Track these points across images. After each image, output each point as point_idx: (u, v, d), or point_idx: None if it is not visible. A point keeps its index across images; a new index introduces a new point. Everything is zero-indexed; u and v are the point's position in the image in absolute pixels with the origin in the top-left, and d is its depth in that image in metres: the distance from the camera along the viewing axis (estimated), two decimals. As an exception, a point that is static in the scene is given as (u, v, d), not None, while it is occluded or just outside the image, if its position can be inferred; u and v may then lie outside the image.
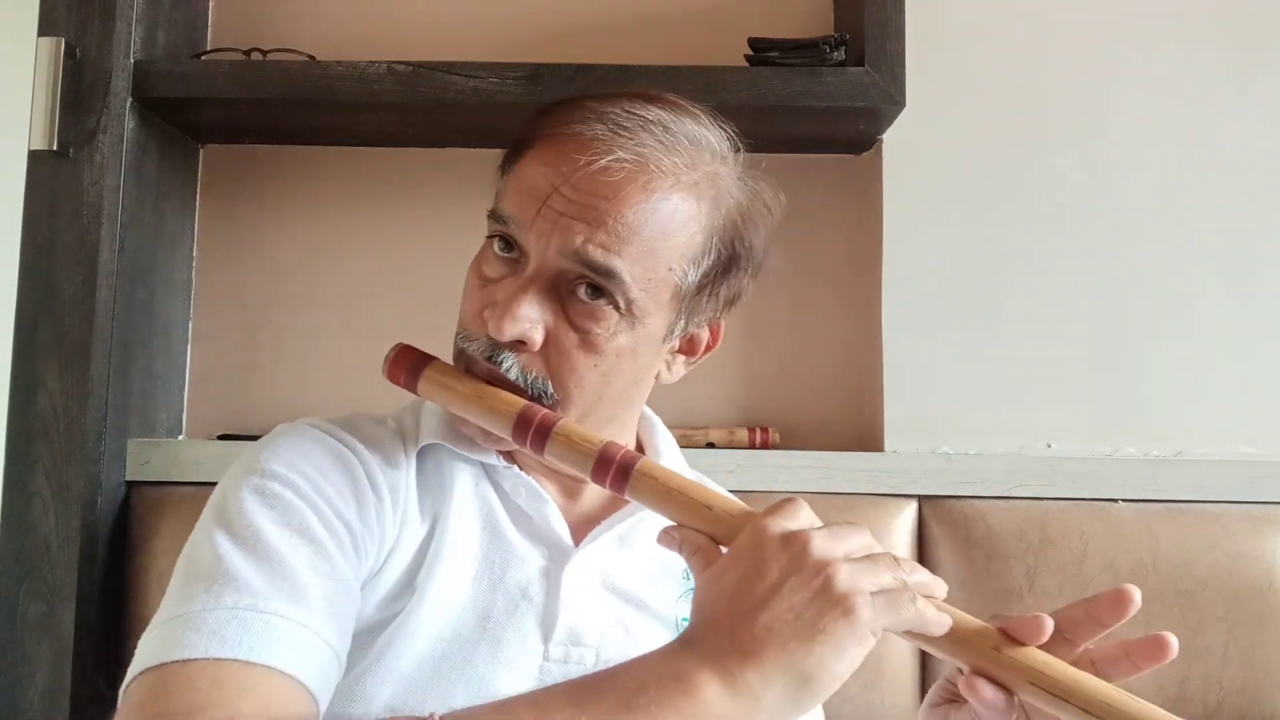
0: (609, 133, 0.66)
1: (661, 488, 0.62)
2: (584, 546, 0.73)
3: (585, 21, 1.26)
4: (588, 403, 0.69)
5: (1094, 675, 0.55)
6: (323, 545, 0.62)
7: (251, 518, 0.62)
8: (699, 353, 0.78)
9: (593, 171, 0.65)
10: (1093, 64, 1.23)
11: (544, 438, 0.64)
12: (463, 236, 1.25)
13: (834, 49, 1.06)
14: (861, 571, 0.54)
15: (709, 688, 0.51)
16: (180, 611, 0.58)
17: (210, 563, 0.60)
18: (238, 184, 1.26)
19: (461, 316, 0.72)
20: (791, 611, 0.52)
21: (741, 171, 0.72)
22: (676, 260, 0.68)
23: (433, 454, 0.74)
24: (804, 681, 0.52)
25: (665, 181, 0.67)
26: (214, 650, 0.55)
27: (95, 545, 1.03)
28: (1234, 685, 1.04)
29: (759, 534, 0.56)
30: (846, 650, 0.52)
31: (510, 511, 0.73)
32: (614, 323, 0.67)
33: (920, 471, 1.10)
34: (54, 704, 0.99)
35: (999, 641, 0.56)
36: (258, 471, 0.65)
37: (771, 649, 0.52)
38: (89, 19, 1.04)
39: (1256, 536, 1.07)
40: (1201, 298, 1.21)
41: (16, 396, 1.02)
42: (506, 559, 0.71)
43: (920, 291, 1.20)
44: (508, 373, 0.67)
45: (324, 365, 1.25)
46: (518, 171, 0.70)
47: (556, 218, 0.65)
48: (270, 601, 0.58)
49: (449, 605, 0.68)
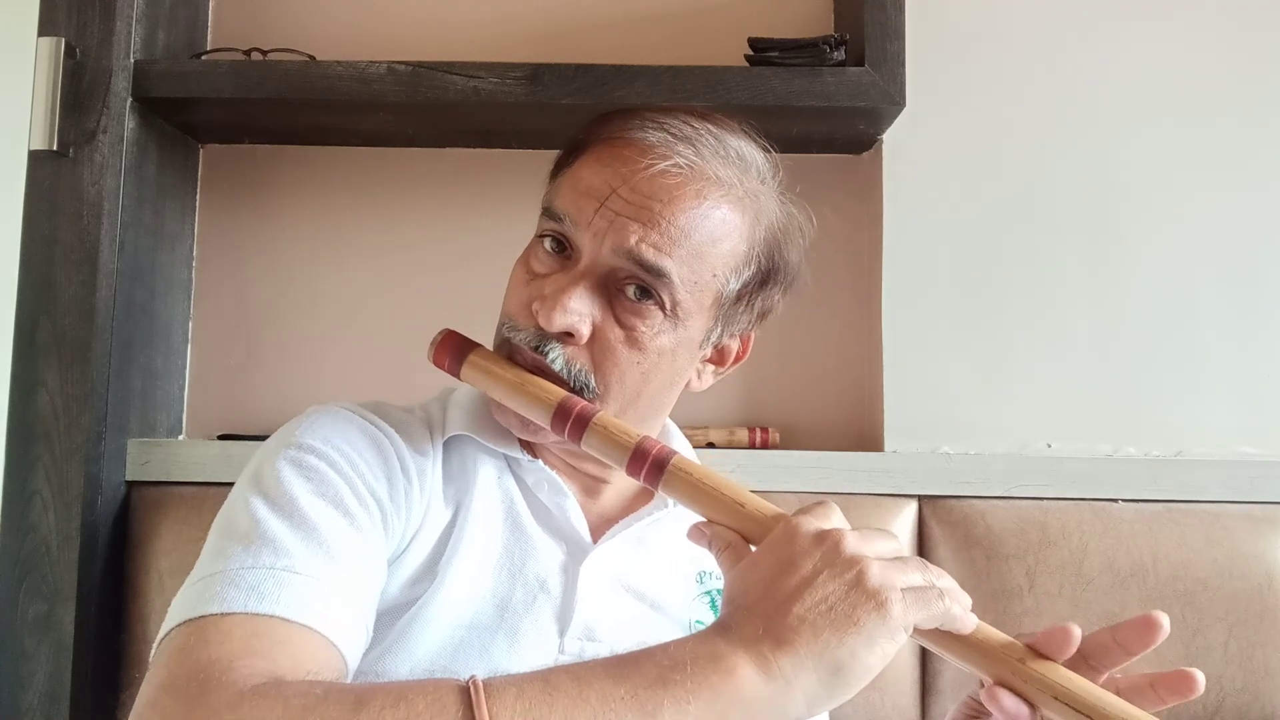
0: (667, 140, 0.69)
1: (695, 484, 0.64)
2: (602, 544, 0.75)
3: (585, 21, 1.26)
4: (626, 399, 0.71)
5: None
6: (355, 517, 0.64)
7: (288, 486, 0.63)
8: (728, 363, 0.80)
9: (650, 175, 0.68)
10: (1093, 64, 1.23)
11: (582, 428, 0.66)
12: (463, 236, 1.26)
13: (834, 49, 1.06)
14: (892, 569, 0.56)
15: (744, 670, 0.52)
16: (218, 569, 0.58)
17: (247, 525, 0.61)
18: (238, 184, 1.26)
19: (506, 308, 0.74)
20: (825, 603, 0.54)
21: (780, 192, 0.76)
22: (721, 267, 0.71)
23: (458, 445, 0.75)
24: (836, 670, 0.53)
25: (716, 191, 0.70)
26: (252, 605, 0.56)
27: (95, 545, 1.03)
28: (1234, 685, 1.04)
29: (793, 530, 0.58)
30: (878, 643, 0.53)
31: (531, 505, 0.75)
32: (658, 322, 0.70)
33: (920, 471, 1.10)
34: (54, 704, 0.99)
35: (1024, 654, 0.56)
36: (294, 445, 0.66)
37: (805, 637, 0.53)
38: (89, 19, 1.04)
39: (1256, 536, 1.07)
40: (1201, 298, 1.21)
41: (16, 396, 1.02)
42: (526, 551, 0.73)
43: (920, 291, 1.20)
44: (553, 363, 0.69)
45: (324, 365, 1.25)
46: (574, 172, 0.72)
47: (613, 217, 0.68)
48: (307, 564, 0.59)
49: (469, 593, 0.69)
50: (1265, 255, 1.22)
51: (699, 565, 0.81)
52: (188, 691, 0.51)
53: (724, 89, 1.05)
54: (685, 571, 0.80)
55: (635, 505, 0.80)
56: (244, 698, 0.50)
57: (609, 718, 0.50)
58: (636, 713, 0.50)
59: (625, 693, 0.51)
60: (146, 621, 1.05)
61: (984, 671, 0.57)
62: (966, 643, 0.57)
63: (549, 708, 0.50)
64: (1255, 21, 1.24)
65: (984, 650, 0.57)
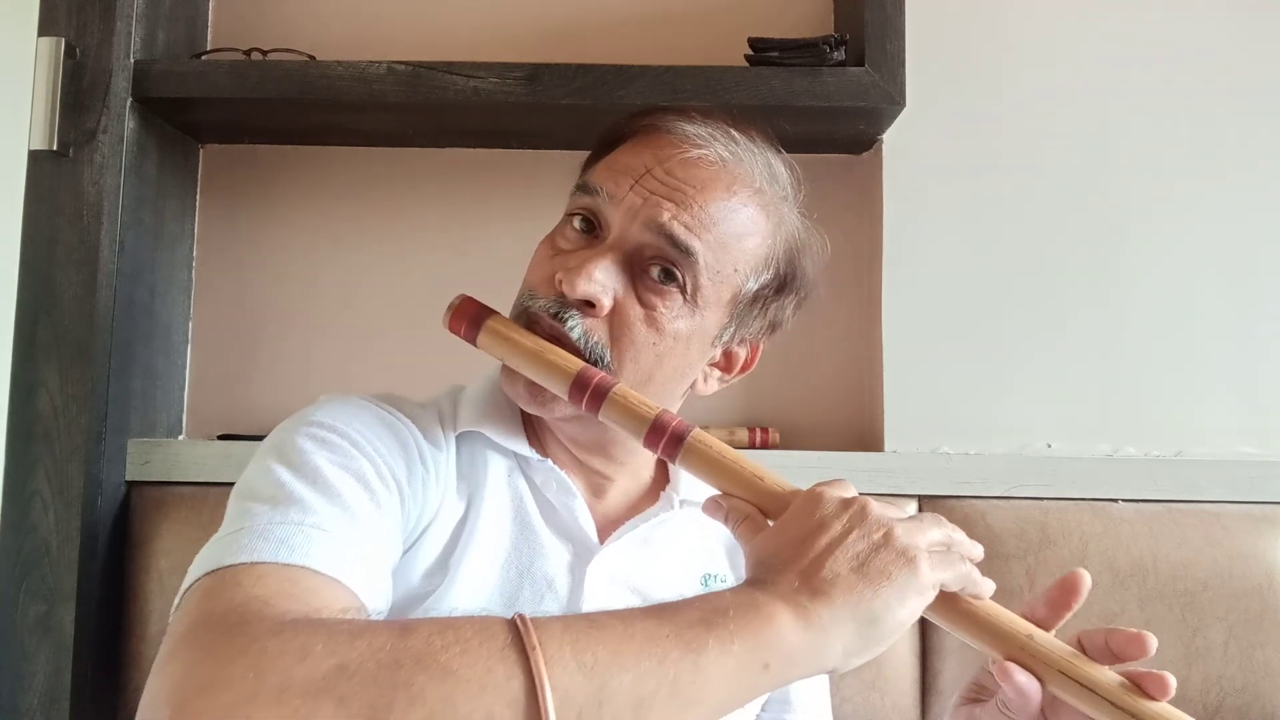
0: (704, 135, 0.72)
1: (714, 457, 0.65)
2: (608, 545, 0.75)
3: (585, 21, 1.26)
4: (638, 379, 0.71)
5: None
6: (376, 493, 0.64)
7: (310, 457, 0.63)
8: (734, 371, 0.81)
9: (687, 160, 0.70)
10: (1093, 63, 1.23)
11: (601, 398, 0.66)
12: (463, 235, 1.26)
13: (834, 49, 1.06)
14: (916, 530, 0.58)
15: (784, 617, 0.53)
16: (244, 524, 0.57)
17: (273, 489, 0.60)
18: (238, 184, 1.26)
19: (528, 280, 0.74)
20: (857, 559, 0.56)
21: (800, 211, 0.78)
22: (743, 263, 0.72)
23: (468, 441, 0.76)
24: (872, 621, 0.55)
25: (746, 190, 0.72)
26: (282, 556, 0.55)
27: (95, 545, 1.03)
28: (1234, 685, 1.04)
29: (819, 496, 0.60)
30: (908, 598, 0.56)
31: (540, 504, 0.75)
32: (678, 306, 0.71)
33: (920, 471, 1.10)
34: (54, 704, 0.99)
35: (1032, 631, 0.59)
36: (314, 424, 0.66)
37: (840, 589, 0.55)
38: (89, 19, 1.04)
39: (1256, 536, 1.07)
40: (1201, 298, 1.21)
41: (16, 396, 1.02)
42: (534, 550, 0.73)
43: (920, 291, 1.20)
44: (570, 331, 0.69)
45: (324, 365, 1.25)
46: (613, 155, 0.74)
47: (647, 195, 0.70)
48: (333, 524, 0.59)
49: (478, 589, 0.69)
50: (1265, 255, 1.22)
51: (704, 567, 0.81)
52: (225, 623, 0.49)
53: (724, 89, 1.05)
54: (690, 573, 0.80)
55: (641, 506, 0.80)
56: (285, 625, 0.48)
57: (655, 652, 0.50)
58: (681, 650, 0.50)
59: (670, 631, 0.51)
60: (146, 621, 1.05)
61: (995, 649, 0.59)
62: (977, 620, 0.59)
63: (597, 640, 0.50)
64: (1255, 21, 1.24)
65: (993, 628, 0.59)
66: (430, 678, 0.46)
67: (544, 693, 0.46)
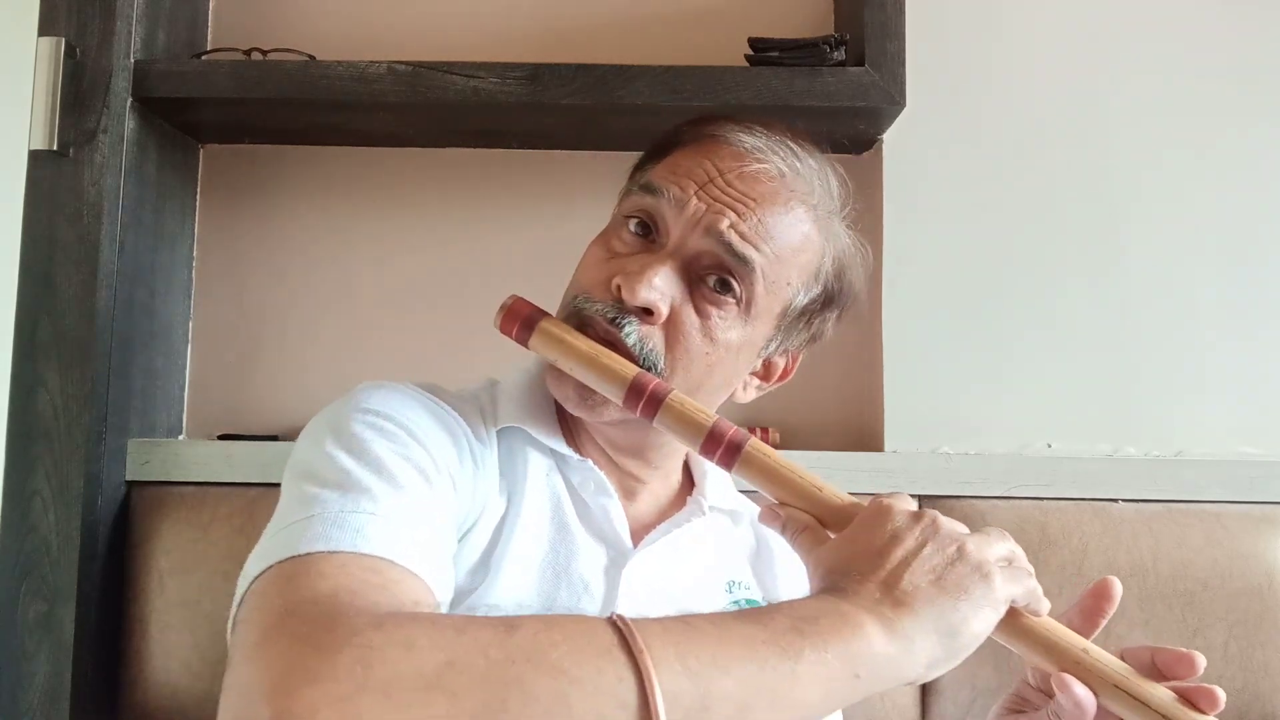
0: (767, 147, 0.73)
1: (772, 467, 0.65)
2: (641, 549, 0.75)
3: (585, 21, 1.26)
4: (689, 387, 0.71)
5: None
6: (435, 484, 0.63)
7: (371, 445, 0.62)
8: (773, 380, 0.81)
9: (749, 172, 0.71)
10: (1093, 63, 1.23)
11: (657, 405, 0.66)
12: (463, 235, 1.26)
13: (834, 49, 1.06)
14: (986, 544, 0.60)
15: (870, 627, 0.54)
16: (313, 512, 0.56)
17: (338, 475, 0.59)
18: (238, 184, 1.26)
19: (580, 283, 0.74)
20: (934, 572, 0.57)
21: (848, 222, 0.78)
22: (796, 277, 0.73)
23: (507, 437, 0.75)
24: (952, 633, 0.55)
25: (802, 205, 0.73)
26: (361, 546, 0.54)
27: (95, 545, 1.03)
28: (1234, 685, 1.04)
29: (888, 509, 0.61)
30: (983, 611, 0.57)
31: (576, 505, 0.75)
32: (733, 316, 0.71)
33: (920, 471, 1.10)
34: (54, 704, 0.99)
35: (1087, 645, 0.60)
36: (368, 410, 0.65)
37: (921, 601, 0.55)
38: (89, 19, 1.04)
39: (1256, 536, 1.07)
40: (1201, 298, 1.21)
41: (16, 396, 1.01)
42: (572, 551, 0.72)
43: (920, 291, 1.20)
44: (626, 337, 0.69)
45: (324, 365, 1.25)
46: (670, 160, 0.74)
47: (710, 202, 0.70)
48: (403, 516, 0.58)
49: (517, 589, 0.69)
50: (1265, 255, 1.22)
51: (728, 574, 0.81)
52: (316, 612, 0.47)
53: (724, 89, 1.05)
54: (715, 579, 0.80)
55: (670, 511, 0.80)
56: (385, 618, 0.47)
57: (754, 657, 0.50)
58: (779, 656, 0.50)
59: (767, 637, 0.51)
60: (146, 621, 1.05)
61: (1051, 663, 0.60)
62: (1036, 635, 0.60)
63: (698, 644, 0.49)
64: (1254, 21, 1.24)
65: (1050, 643, 0.60)
66: (541, 675, 0.45)
67: (654, 695, 0.46)
